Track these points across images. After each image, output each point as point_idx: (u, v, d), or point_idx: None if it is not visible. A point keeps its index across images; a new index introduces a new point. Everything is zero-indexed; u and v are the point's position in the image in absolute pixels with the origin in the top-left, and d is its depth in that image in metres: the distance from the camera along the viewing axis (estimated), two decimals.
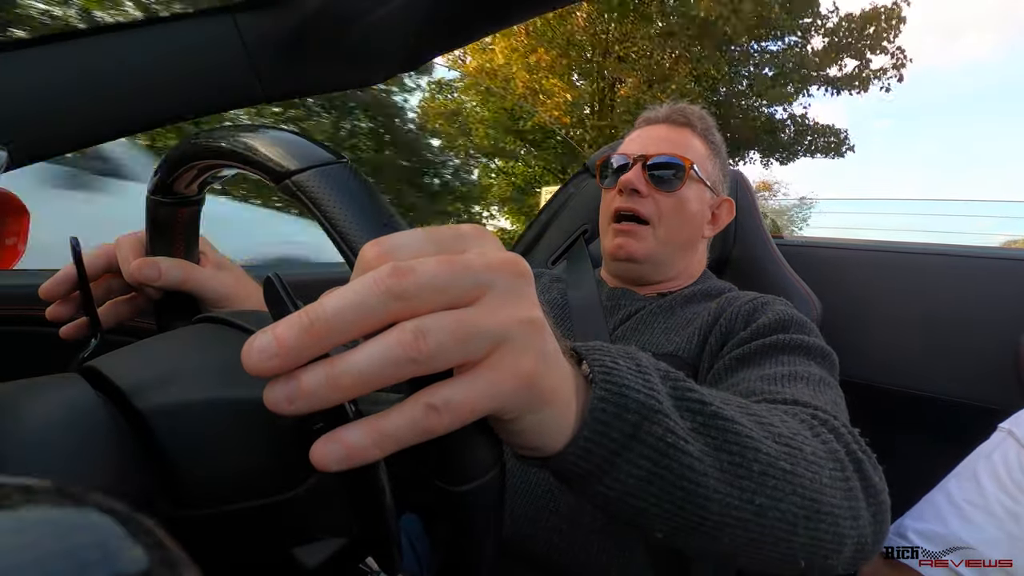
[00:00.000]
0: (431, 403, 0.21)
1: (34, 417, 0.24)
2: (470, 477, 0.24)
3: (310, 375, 0.20)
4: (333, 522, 0.28)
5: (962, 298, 0.92)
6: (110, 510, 0.13)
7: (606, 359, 0.29)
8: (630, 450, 0.27)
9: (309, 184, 0.26)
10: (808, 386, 0.50)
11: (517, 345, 0.22)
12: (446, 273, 0.21)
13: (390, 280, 0.20)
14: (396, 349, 0.20)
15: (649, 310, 0.74)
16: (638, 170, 0.75)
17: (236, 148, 0.30)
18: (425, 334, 0.20)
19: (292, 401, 0.20)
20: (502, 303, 0.22)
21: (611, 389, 0.27)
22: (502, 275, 0.22)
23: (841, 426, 0.42)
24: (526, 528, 0.60)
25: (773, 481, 0.32)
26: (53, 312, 0.42)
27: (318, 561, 0.27)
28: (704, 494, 0.29)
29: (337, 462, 0.20)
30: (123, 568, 0.12)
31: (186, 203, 0.40)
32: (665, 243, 0.76)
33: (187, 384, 0.27)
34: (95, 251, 0.43)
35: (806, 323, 0.64)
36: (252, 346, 0.19)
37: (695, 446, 0.29)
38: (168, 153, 0.36)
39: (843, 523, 0.35)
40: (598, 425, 0.27)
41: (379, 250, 0.22)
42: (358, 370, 0.20)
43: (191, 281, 0.43)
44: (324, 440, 0.20)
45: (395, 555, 0.26)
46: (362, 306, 0.20)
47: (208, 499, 0.26)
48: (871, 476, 0.39)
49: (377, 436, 0.20)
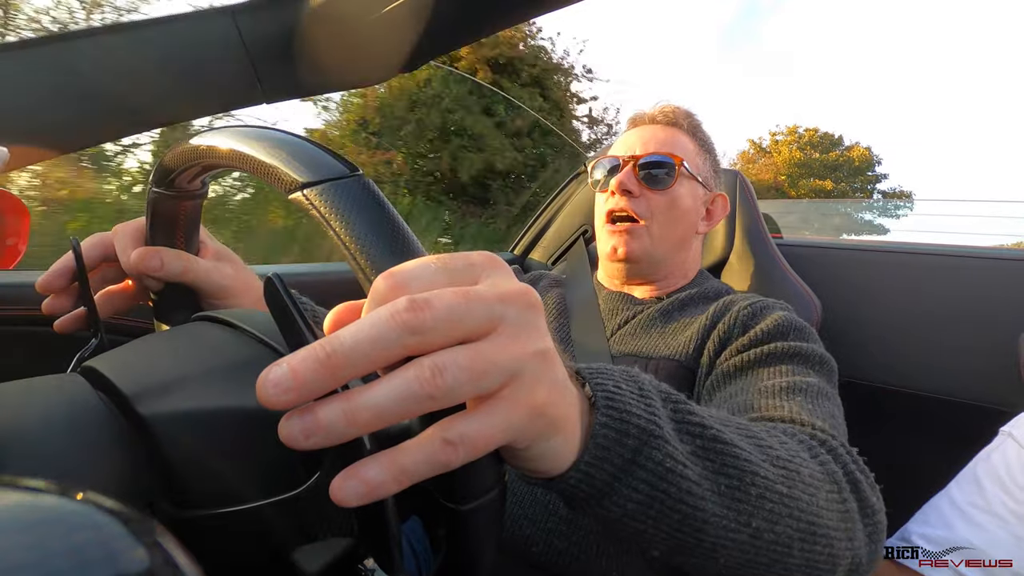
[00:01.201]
0: (447, 438, 0.21)
1: (34, 417, 0.24)
2: (473, 496, 0.24)
3: (327, 410, 0.20)
4: (333, 522, 0.28)
5: (962, 298, 0.92)
6: (112, 510, 0.13)
7: (608, 383, 0.29)
8: (630, 474, 0.28)
9: (322, 198, 0.26)
10: (807, 400, 0.50)
11: (530, 378, 0.22)
12: (461, 307, 0.21)
13: (407, 315, 0.20)
14: (413, 385, 0.20)
15: (647, 314, 0.74)
16: (629, 171, 0.76)
17: (246, 152, 0.29)
18: (443, 371, 0.20)
19: (309, 436, 0.20)
20: (515, 336, 0.22)
21: (612, 415, 0.28)
22: (514, 307, 0.23)
23: (839, 446, 0.42)
24: (526, 530, 0.60)
25: (770, 504, 0.32)
26: (50, 305, 0.42)
27: (319, 564, 0.27)
28: (701, 517, 0.30)
29: (357, 498, 0.20)
30: (125, 567, 0.12)
31: (188, 197, 0.39)
32: (660, 240, 0.77)
33: (190, 391, 0.27)
34: (92, 239, 0.43)
35: (805, 328, 0.64)
36: (267, 379, 0.19)
37: (694, 470, 0.30)
38: (173, 148, 0.35)
39: (838, 544, 0.36)
40: (599, 450, 0.27)
41: (393, 282, 0.22)
42: (375, 404, 0.20)
43: (191, 272, 0.43)
44: (343, 477, 0.20)
45: (395, 556, 0.26)
46: (379, 340, 0.20)
47: (208, 500, 0.26)
48: (868, 496, 0.40)
49: (396, 471, 0.21)
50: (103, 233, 0.44)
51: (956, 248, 1.00)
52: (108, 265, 0.44)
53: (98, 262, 0.43)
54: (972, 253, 0.98)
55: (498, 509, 0.26)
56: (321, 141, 0.43)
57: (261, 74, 0.58)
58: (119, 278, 0.45)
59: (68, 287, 0.42)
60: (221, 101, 0.59)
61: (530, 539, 0.59)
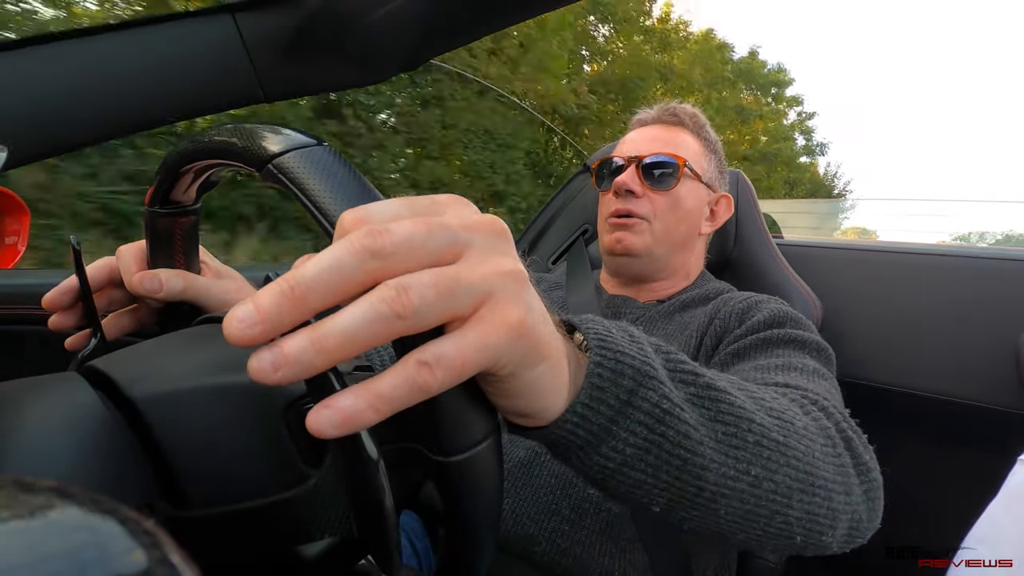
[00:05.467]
0: (422, 359, 0.20)
1: (34, 416, 0.24)
2: (463, 446, 0.24)
3: (294, 340, 0.19)
4: (332, 522, 0.28)
5: (962, 298, 0.92)
6: (110, 510, 0.13)
7: (600, 328, 0.29)
8: (627, 416, 0.27)
9: (290, 165, 0.26)
10: (802, 375, 0.51)
11: (503, 297, 0.22)
12: (422, 232, 0.21)
13: (366, 240, 0.20)
14: (379, 306, 0.20)
15: (648, 317, 0.74)
16: (632, 171, 0.76)
17: (218, 144, 0.30)
18: (407, 289, 0.20)
19: (277, 368, 0.19)
20: (483, 259, 0.22)
21: (606, 355, 0.27)
22: (480, 233, 0.22)
23: (831, 406, 0.42)
24: (529, 529, 0.60)
25: (767, 452, 0.32)
26: (56, 322, 0.42)
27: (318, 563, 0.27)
28: (701, 463, 0.29)
29: (333, 427, 0.20)
30: (123, 568, 0.12)
31: (184, 212, 0.40)
32: (662, 239, 0.76)
33: (179, 373, 0.27)
34: (98, 263, 0.44)
35: (801, 319, 0.64)
36: (233, 315, 0.19)
37: (690, 415, 0.29)
38: (160, 165, 0.36)
39: (836, 498, 0.36)
40: (595, 391, 0.26)
41: (355, 216, 0.22)
42: (342, 329, 0.19)
43: (192, 290, 0.43)
44: (318, 407, 0.20)
45: (394, 555, 0.26)
46: (340, 268, 0.20)
47: (207, 499, 0.26)
48: (862, 454, 0.40)
49: (371, 398, 0.20)
50: (108, 257, 0.44)
51: (956, 248, 1.00)
52: (114, 288, 0.45)
53: (104, 284, 0.44)
54: (972, 253, 0.98)
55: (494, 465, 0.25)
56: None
57: (261, 74, 0.58)
58: (126, 300, 0.45)
59: (75, 304, 0.42)
60: (221, 101, 0.59)
61: (533, 539, 0.60)
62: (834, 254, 1.07)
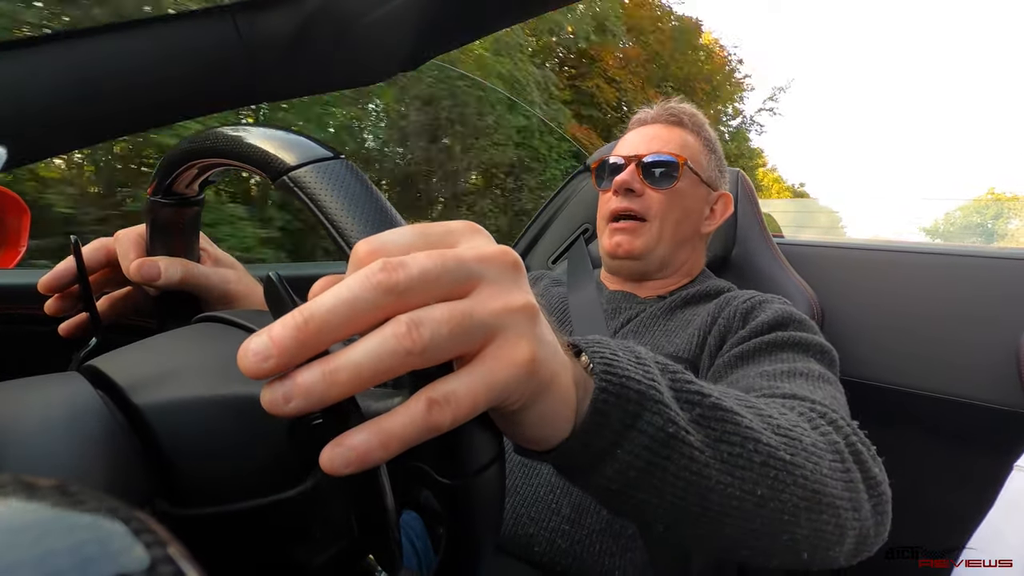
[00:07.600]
0: (433, 398, 0.21)
1: (34, 416, 0.24)
2: (469, 470, 0.24)
3: (306, 373, 0.20)
4: (333, 522, 0.28)
5: (962, 298, 0.92)
6: (112, 508, 0.13)
7: (606, 351, 0.29)
8: (630, 440, 0.27)
9: (307, 180, 0.26)
10: (807, 382, 0.50)
11: (513, 333, 0.22)
12: (437, 266, 0.21)
13: (381, 275, 0.20)
14: (391, 341, 0.20)
15: (649, 313, 0.74)
16: (632, 170, 0.76)
17: (234, 146, 0.30)
18: (419, 325, 0.20)
19: (289, 400, 0.19)
20: (495, 293, 0.22)
21: (611, 380, 0.27)
22: (493, 266, 0.22)
23: (840, 419, 0.42)
24: (529, 529, 0.60)
25: (774, 472, 0.32)
26: (52, 306, 0.42)
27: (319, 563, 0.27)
28: (706, 484, 0.29)
29: (346, 465, 0.20)
30: (126, 565, 0.12)
31: (187, 204, 0.40)
32: (663, 239, 0.77)
33: (186, 381, 0.27)
34: (94, 244, 0.43)
35: (805, 320, 0.64)
36: (248, 348, 0.19)
37: (695, 437, 0.29)
38: (166, 155, 0.36)
39: (844, 514, 0.35)
40: (598, 416, 0.27)
41: (369, 247, 0.22)
42: (354, 364, 0.20)
43: (191, 279, 0.43)
44: (331, 445, 0.20)
45: (395, 554, 0.26)
46: (355, 302, 0.20)
47: (208, 499, 0.26)
48: (871, 468, 0.39)
49: (383, 437, 0.20)
50: (105, 238, 0.44)
51: (956, 248, 1.00)
52: (110, 270, 0.44)
53: (100, 266, 0.44)
54: (972, 253, 0.98)
55: (497, 487, 0.25)
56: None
57: (261, 74, 0.58)
58: (121, 283, 0.45)
59: (71, 288, 0.42)
60: (221, 100, 0.59)
61: (533, 538, 0.60)
62: (834, 254, 1.07)
